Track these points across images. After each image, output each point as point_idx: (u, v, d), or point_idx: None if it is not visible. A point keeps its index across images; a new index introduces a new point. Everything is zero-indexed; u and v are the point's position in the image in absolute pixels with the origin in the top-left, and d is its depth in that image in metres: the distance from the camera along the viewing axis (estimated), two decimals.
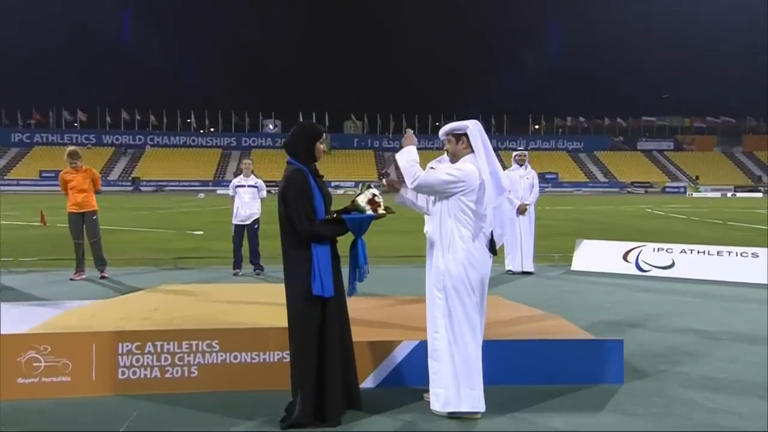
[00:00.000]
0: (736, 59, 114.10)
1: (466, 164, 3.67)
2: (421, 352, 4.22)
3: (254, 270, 9.16)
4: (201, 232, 17.21)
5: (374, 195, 3.65)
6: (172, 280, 8.19)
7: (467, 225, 3.61)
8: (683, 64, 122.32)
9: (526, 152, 10.05)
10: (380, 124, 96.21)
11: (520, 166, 9.63)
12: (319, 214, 3.56)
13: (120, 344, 4.08)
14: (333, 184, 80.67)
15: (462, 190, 3.60)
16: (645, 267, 9.32)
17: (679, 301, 7.34)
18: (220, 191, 73.77)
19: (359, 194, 3.66)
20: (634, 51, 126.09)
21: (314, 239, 3.51)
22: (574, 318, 5.66)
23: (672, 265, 9.14)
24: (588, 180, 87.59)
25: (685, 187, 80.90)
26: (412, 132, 3.88)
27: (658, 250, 9.38)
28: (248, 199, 9.08)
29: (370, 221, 3.61)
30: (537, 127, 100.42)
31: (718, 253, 8.99)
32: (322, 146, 3.71)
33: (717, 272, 8.73)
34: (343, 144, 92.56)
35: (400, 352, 4.27)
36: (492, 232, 3.68)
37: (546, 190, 67.54)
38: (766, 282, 8.32)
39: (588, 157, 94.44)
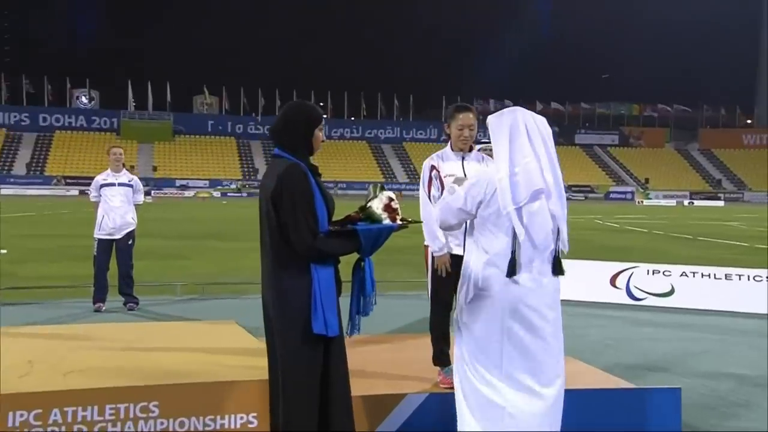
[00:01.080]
0: (690, 35, 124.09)
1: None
2: (431, 407, 4.32)
3: (125, 303, 8.86)
4: (3, 252, 16.30)
5: (391, 199, 3.69)
6: (3, 320, 7.67)
7: (483, 246, 3.77)
8: (629, 41, 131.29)
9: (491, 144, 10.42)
10: (245, 101, 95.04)
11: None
12: (322, 224, 3.55)
13: (11, 414, 3.83)
14: (178, 183, 78.74)
15: (481, 200, 3.73)
16: (638, 294, 9.97)
17: (694, 338, 7.96)
18: (6, 190, 69.79)
19: (372, 198, 3.68)
20: (571, 23, 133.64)
21: (317, 258, 3.50)
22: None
23: (671, 292, 9.85)
24: None
25: (632, 193, 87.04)
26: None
27: (654, 272, 10.06)
28: (119, 203, 8.79)
29: (389, 233, 3.65)
30: None
31: (726, 276, 9.79)
32: (321, 134, 3.72)
33: (726, 301, 9.50)
34: (192, 128, 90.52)
35: (405, 409, 4.34)
36: (514, 249, 3.80)
37: None
38: None
39: None
